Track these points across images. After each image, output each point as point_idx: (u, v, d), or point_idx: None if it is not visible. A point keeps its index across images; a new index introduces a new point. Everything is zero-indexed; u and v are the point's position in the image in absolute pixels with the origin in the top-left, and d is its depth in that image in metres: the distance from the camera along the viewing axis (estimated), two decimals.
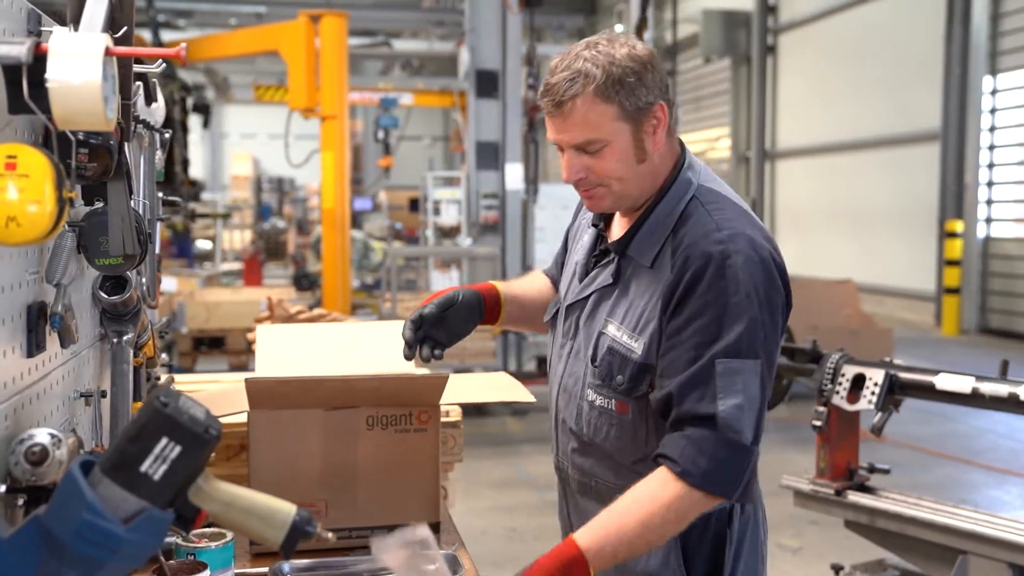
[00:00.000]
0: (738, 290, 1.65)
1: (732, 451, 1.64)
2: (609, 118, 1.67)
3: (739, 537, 1.87)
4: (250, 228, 15.72)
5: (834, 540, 4.86)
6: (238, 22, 13.38)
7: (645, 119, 1.69)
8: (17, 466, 1.21)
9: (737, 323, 1.65)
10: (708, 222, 1.72)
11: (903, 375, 3.29)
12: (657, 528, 1.66)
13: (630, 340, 1.77)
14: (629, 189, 1.76)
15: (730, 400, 1.64)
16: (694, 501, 1.65)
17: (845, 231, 15.05)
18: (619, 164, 1.71)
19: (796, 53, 16.29)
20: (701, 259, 1.68)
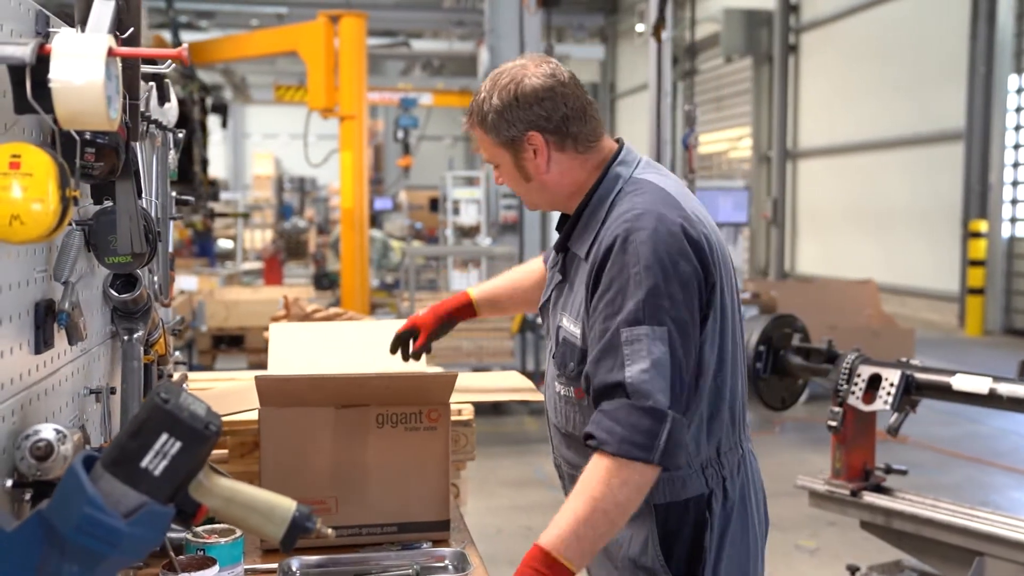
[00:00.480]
0: (638, 262, 1.75)
1: (644, 415, 1.69)
2: (490, 144, 1.93)
3: (722, 525, 1.90)
4: (271, 228, 15.81)
5: (852, 541, 4.83)
6: (259, 23, 13.45)
7: (519, 147, 1.89)
8: (23, 461, 1.22)
9: (637, 292, 1.73)
10: (624, 207, 1.84)
11: (919, 375, 3.26)
12: (609, 504, 1.69)
13: (574, 328, 1.89)
14: (533, 199, 2.01)
15: (636, 366, 1.71)
16: (624, 469, 1.70)
17: (867, 231, 14.94)
18: (511, 181, 1.97)
19: (818, 52, 16.19)
20: (610, 240, 1.80)
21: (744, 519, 1.95)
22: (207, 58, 8.17)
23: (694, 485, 1.90)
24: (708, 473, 1.91)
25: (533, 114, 1.86)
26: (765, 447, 6.95)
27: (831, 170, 15.89)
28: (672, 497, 1.89)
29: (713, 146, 19.08)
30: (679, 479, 1.89)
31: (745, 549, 1.95)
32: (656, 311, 1.73)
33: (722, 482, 1.92)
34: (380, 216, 15.51)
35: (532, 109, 1.86)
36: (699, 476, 1.90)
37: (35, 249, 1.37)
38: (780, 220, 16.77)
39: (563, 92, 1.88)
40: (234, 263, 12.61)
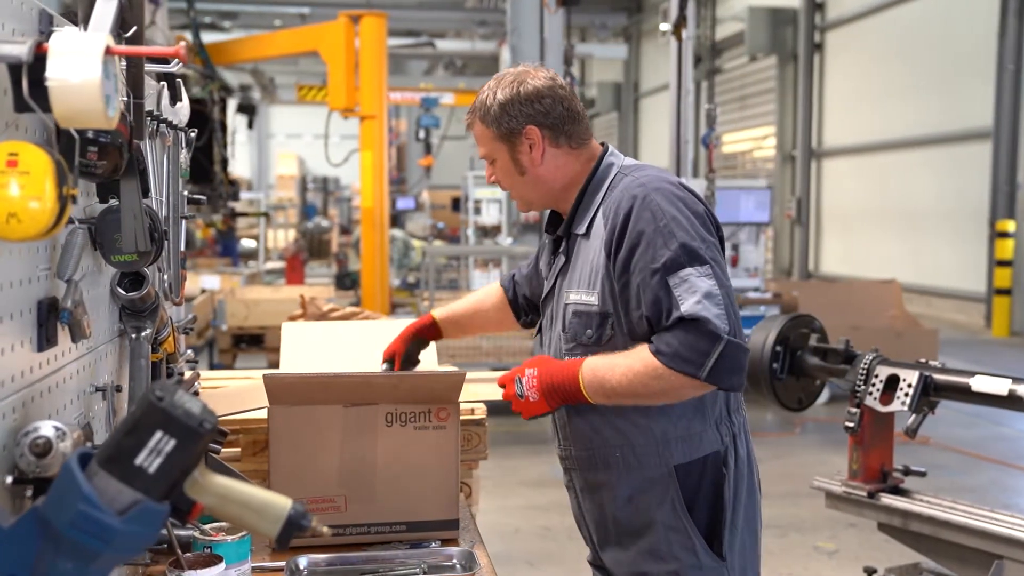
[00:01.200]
0: (663, 215, 1.94)
1: (700, 335, 1.86)
2: (489, 139, 2.09)
3: (736, 481, 2.05)
4: (294, 227, 15.89)
5: (872, 543, 4.78)
6: (282, 23, 13.51)
7: (517, 140, 2.06)
8: (22, 458, 1.23)
9: (671, 241, 1.91)
10: (628, 181, 2.04)
11: (938, 376, 3.22)
12: (643, 377, 1.90)
13: (587, 296, 2.05)
14: (526, 195, 2.15)
15: (690, 300, 1.88)
16: (668, 373, 1.88)
17: (893, 231, 14.81)
18: (505, 176, 2.12)
19: (844, 50, 16.06)
20: (627, 203, 1.98)
21: (751, 477, 2.12)
22: (229, 59, 8.22)
23: (710, 441, 2.04)
24: (722, 430, 2.06)
25: (532, 109, 2.04)
26: (785, 448, 6.91)
27: (856, 169, 15.76)
28: (691, 455, 2.04)
29: (737, 145, 18.98)
30: (696, 436, 2.04)
31: (753, 505, 2.12)
32: (695, 253, 1.90)
33: (733, 439, 2.07)
34: (402, 216, 15.55)
35: (532, 105, 2.04)
36: (714, 432, 2.05)
37: (38, 247, 1.38)
38: (804, 220, 16.66)
39: (560, 95, 2.07)
40: (257, 263, 12.67)
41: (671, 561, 2.05)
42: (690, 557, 2.04)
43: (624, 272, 1.97)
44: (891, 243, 14.81)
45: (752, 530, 2.13)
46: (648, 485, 2.06)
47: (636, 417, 2.04)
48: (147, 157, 1.98)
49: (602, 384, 1.96)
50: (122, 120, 1.41)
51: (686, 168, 6.98)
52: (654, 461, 2.05)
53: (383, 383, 2.14)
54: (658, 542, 2.05)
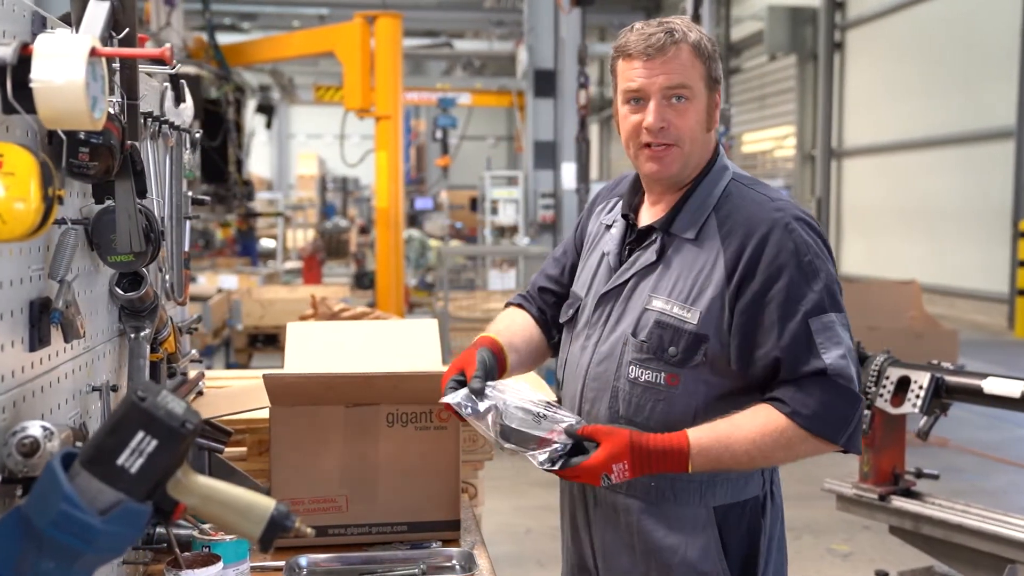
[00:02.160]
0: (808, 251, 1.75)
1: (842, 397, 1.72)
2: (699, 75, 1.82)
3: (771, 527, 1.90)
4: (313, 227, 15.95)
5: (886, 546, 4.74)
6: (301, 24, 13.57)
7: (715, 93, 1.85)
8: (10, 457, 1.24)
9: (815, 281, 1.74)
10: (758, 197, 1.84)
11: (950, 378, 3.19)
12: (765, 449, 1.73)
13: (682, 311, 1.81)
14: (694, 154, 1.85)
15: (834, 352, 1.73)
16: (802, 438, 1.72)
17: (914, 231, 14.69)
18: (696, 123, 1.83)
19: (865, 49, 15.94)
20: (764, 227, 1.77)
21: (782, 520, 1.96)
22: (247, 59, 8.26)
23: (753, 485, 1.88)
24: (765, 474, 1.90)
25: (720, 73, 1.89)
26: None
27: (877, 169, 15.64)
28: (732, 498, 1.87)
29: (756, 145, 18.89)
30: (742, 478, 1.86)
31: (783, 550, 1.97)
32: (836, 298, 1.76)
33: (771, 484, 1.92)
34: (421, 216, 15.57)
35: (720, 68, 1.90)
36: (759, 475, 1.89)
37: (31, 247, 1.39)
38: (824, 220, 16.55)
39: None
40: (275, 262, 12.73)
41: None
42: None
43: (754, 305, 1.76)
44: (912, 243, 14.69)
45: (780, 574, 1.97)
46: (682, 523, 1.86)
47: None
48: (148, 158, 2.00)
49: (717, 463, 1.74)
50: (114, 121, 1.41)
51: None
52: (693, 499, 1.86)
53: (383, 383, 2.14)
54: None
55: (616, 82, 1.91)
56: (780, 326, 1.74)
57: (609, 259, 1.98)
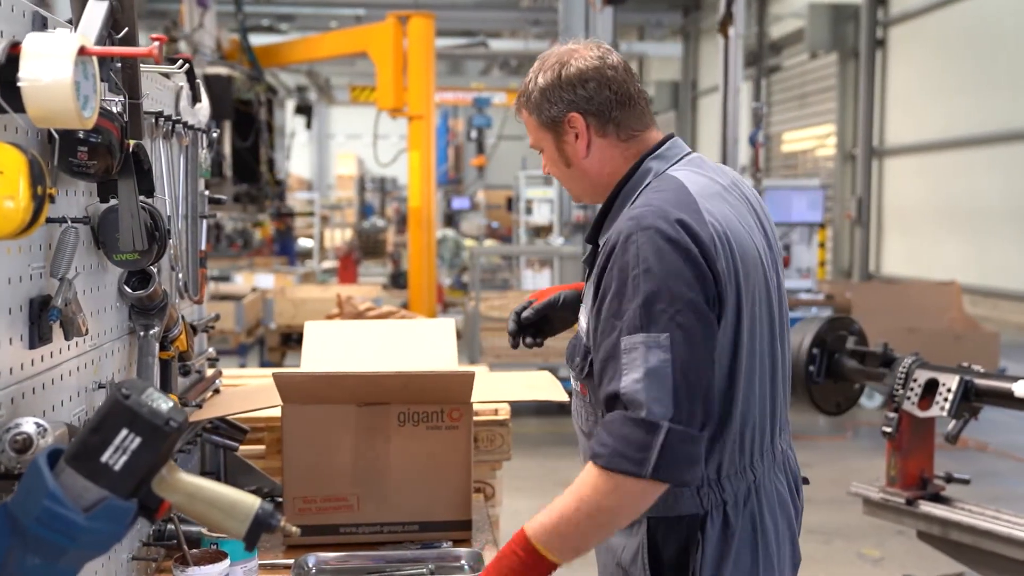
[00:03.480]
0: (637, 264, 1.67)
1: (635, 427, 1.61)
2: (535, 127, 1.89)
3: (718, 551, 1.78)
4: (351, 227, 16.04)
5: (918, 551, 4.65)
6: (338, 24, 13.65)
7: (561, 129, 1.84)
8: (3, 453, 1.25)
9: (636, 297, 1.66)
10: (638, 203, 1.78)
11: (979, 381, 3.12)
12: (594, 509, 1.65)
13: (583, 322, 1.85)
14: (573, 187, 1.95)
15: (631, 375, 1.63)
16: (612, 481, 1.63)
17: (958, 231, 14.43)
18: (553, 167, 1.92)
19: (908, 46, 15.69)
20: (613, 238, 1.72)
21: (754, 552, 1.81)
22: (281, 60, 8.32)
23: (687, 504, 1.79)
24: (703, 493, 1.79)
25: (575, 95, 1.81)
26: (836, 452, 6.77)
27: (919, 168, 15.39)
28: (664, 511, 1.79)
29: (797, 144, 18.68)
30: (672, 494, 1.75)
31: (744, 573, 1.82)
32: (655, 317, 1.64)
33: (722, 507, 1.80)
34: (457, 215, 15.59)
35: (575, 90, 1.81)
36: (693, 496, 1.79)
37: (31, 245, 1.40)
38: (865, 220, 16.33)
39: (610, 76, 1.82)
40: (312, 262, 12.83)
41: None
42: None
43: (596, 316, 1.74)
44: (956, 244, 14.44)
45: None
46: (624, 529, 1.84)
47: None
48: (160, 156, 2.01)
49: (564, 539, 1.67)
50: (113, 120, 1.42)
51: (735, 167, 6.87)
52: None
53: (392, 382, 2.14)
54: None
55: None
56: (602, 343, 1.70)
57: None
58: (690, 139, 20.93)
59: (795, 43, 17.59)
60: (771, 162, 18.96)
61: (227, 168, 5.63)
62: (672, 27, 18.16)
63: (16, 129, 1.34)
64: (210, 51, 6.26)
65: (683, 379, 1.62)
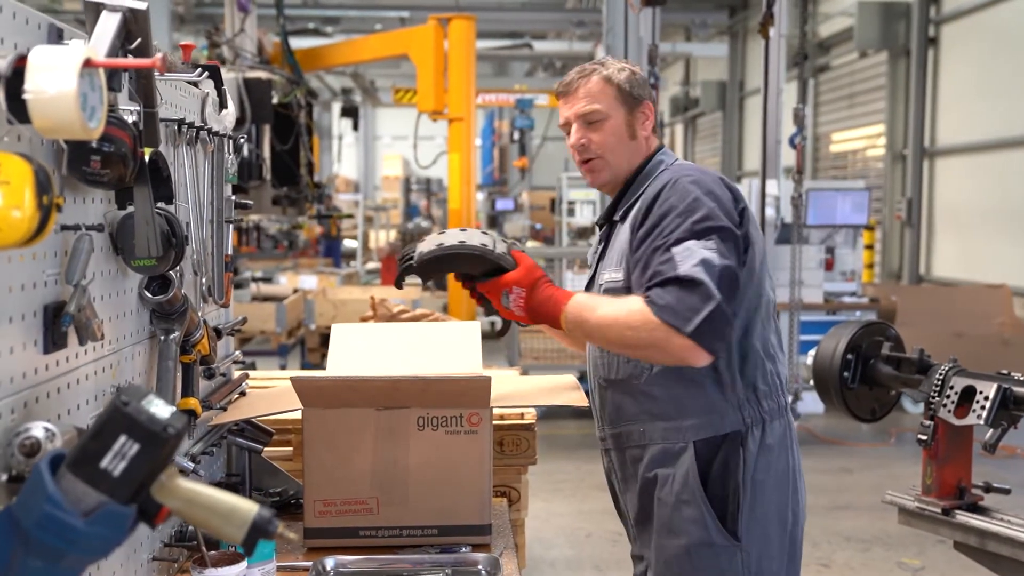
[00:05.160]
0: (685, 197, 2.06)
1: (691, 293, 1.94)
2: (611, 97, 2.21)
3: (754, 461, 2.10)
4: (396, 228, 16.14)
5: (960, 561, 4.53)
6: (383, 27, 13.75)
7: (637, 108, 2.23)
8: (13, 457, 1.28)
9: (685, 221, 2.02)
10: (667, 171, 2.20)
11: (1018, 389, 3.05)
12: (621, 321, 2.01)
13: (616, 274, 2.17)
14: (619, 161, 2.23)
15: (688, 263, 1.98)
16: (651, 323, 1.96)
17: (1013, 233, 14.09)
18: (612, 136, 2.21)
19: (961, 44, 15.38)
20: (658, 186, 2.13)
21: (787, 469, 2.16)
22: (324, 63, 8.39)
23: (731, 419, 2.11)
24: (745, 412, 2.12)
25: (648, 92, 2.27)
26: (878, 458, 6.66)
27: (972, 168, 15.07)
28: (710, 432, 2.11)
29: (846, 144, 18.42)
30: (717, 412, 2.11)
31: (784, 498, 2.16)
32: (703, 231, 2.00)
33: (761, 423, 2.13)
34: (501, 217, 15.60)
35: (647, 88, 2.28)
36: (736, 412, 2.12)
37: (45, 252, 1.43)
38: (915, 221, 16.05)
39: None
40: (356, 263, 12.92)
41: (682, 535, 2.10)
42: (700, 532, 2.08)
43: (640, 244, 2.08)
44: (1010, 246, 14.11)
45: (781, 520, 2.15)
46: (668, 459, 2.14)
47: (656, 392, 2.13)
48: (184, 163, 2.04)
49: (579, 323, 2.06)
50: (125, 128, 1.45)
51: (777, 169, 6.79)
52: (673, 436, 2.13)
53: (410, 387, 2.15)
54: (671, 516, 2.12)
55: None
56: (651, 255, 2.04)
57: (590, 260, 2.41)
58: (736, 139, 20.73)
59: (844, 42, 17.35)
60: (819, 162, 18.71)
61: (266, 171, 5.70)
62: (718, 27, 18.00)
63: (21, 138, 1.37)
64: (251, 55, 6.34)
65: (725, 270, 1.98)
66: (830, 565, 4.66)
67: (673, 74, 22.05)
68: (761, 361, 2.15)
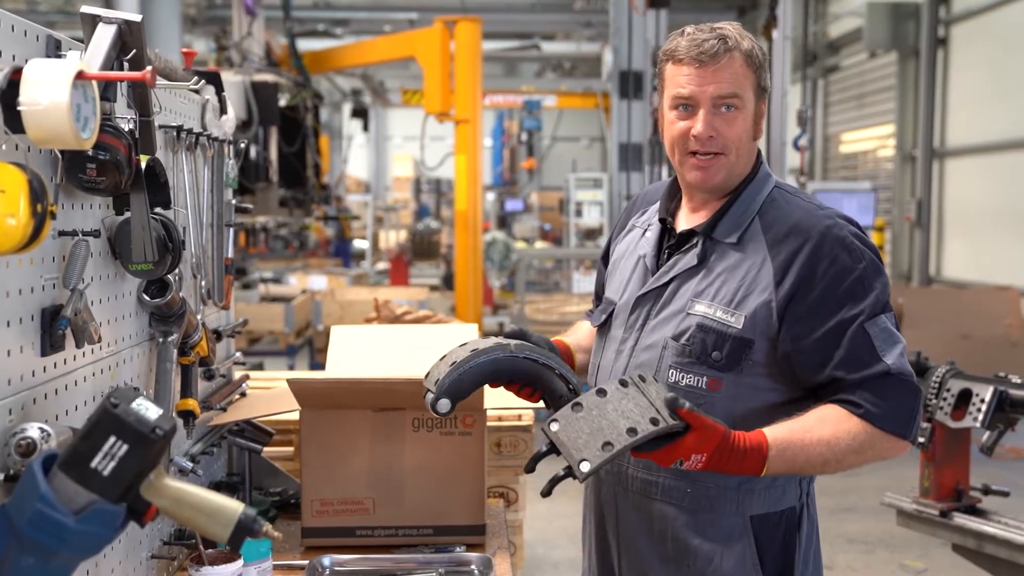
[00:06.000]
0: (862, 258, 1.80)
1: (908, 393, 1.78)
2: (749, 83, 1.85)
3: (807, 540, 1.92)
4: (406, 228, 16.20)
5: (964, 564, 4.55)
6: (392, 28, 13.80)
7: (762, 103, 1.89)
8: (9, 457, 1.31)
9: (872, 287, 1.79)
10: (805, 205, 1.88)
11: (1014, 392, 3.07)
12: (839, 451, 1.75)
13: (725, 315, 1.83)
14: (740, 162, 1.89)
15: (892, 351, 1.78)
16: (875, 438, 1.76)
17: (1022, 235, 14.07)
18: (743, 132, 1.87)
19: (971, 45, 15.34)
20: (816, 234, 1.80)
21: (818, 541, 1.99)
22: (332, 65, 8.46)
23: (790, 495, 1.90)
24: (803, 486, 1.92)
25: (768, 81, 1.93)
26: (886, 462, 6.66)
27: (983, 169, 15.03)
28: (769, 508, 1.88)
29: (856, 145, 18.39)
30: (779, 488, 1.88)
31: (819, 565, 2.00)
32: (884, 300, 1.81)
33: (806, 497, 1.94)
34: (510, 217, 15.64)
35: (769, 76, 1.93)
36: (796, 488, 1.91)
37: (43, 258, 1.47)
38: (925, 222, 16.01)
39: None
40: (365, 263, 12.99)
41: None
42: None
43: (811, 314, 1.78)
44: (1020, 247, 14.08)
45: None
46: (718, 531, 1.86)
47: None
48: (183, 169, 2.08)
49: (792, 464, 1.75)
50: (120, 136, 1.48)
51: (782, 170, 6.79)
52: (730, 507, 1.86)
53: (405, 389, 2.18)
54: None
55: (663, 86, 1.93)
56: (839, 333, 1.77)
57: (646, 261, 1.98)
58: None
59: (854, 42, 17.32)
60: (829, 163, 18.69)
61: (273, 173, 5.75)
62: None
63: (16, 147, 1.40)
64: (258, 58, 6.40)
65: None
66: (832, 567, 4.67)
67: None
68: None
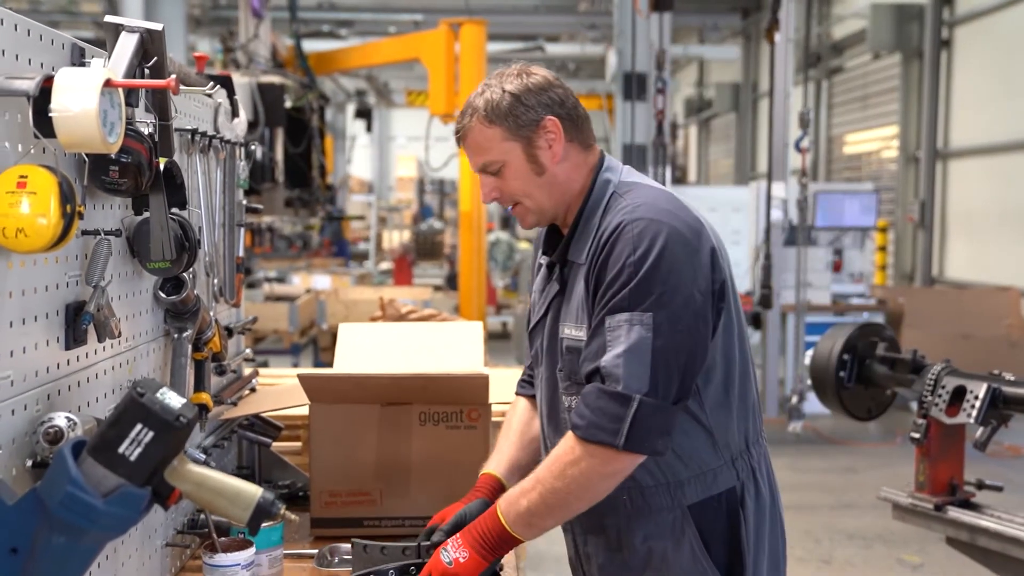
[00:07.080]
0: (632, 252, 1.74)
1: (610, 399, 1.72)
2: (498, 140, 1.84)
3: (757, 520, 1.92)
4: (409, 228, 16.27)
5: (960, 559, 4.60)
6: (397, 30, 13.88)
7: (535, 135, 1.84)
8: (37, 444, 1.38)
9: (627, 281, 1.74)
10: (622, 204, 1.84)
11: (1008, 389, 3.13)
12: (566, 478, 1.75)
13: (577, 332, 1.86)
14: (541, 202, 1.89)
15: (612, 351, 1.73)
16: (585, 452, 1.74)
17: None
18: (519, 181, 1.86)
19: (974, 46, 15.38)
20: (611, 230, 1.79)
21: (775, 515, 1.98)
22: (338, 66, 8.54)
23: (725, 478, 1.89)
24: (739, 465, 1.91)
25: (548, 98, 1.85)
26: (884, 458, 6.72)
27: (985, 170, 15.06)
28: (704, 494, 1.88)
29: (860, 146, 18.44)
30: (710, 473, 1.88)
31: (776, 542, 1.99)
32: (641, 297, 1.72)
33: (752, 474, 1.93)
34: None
35: (546, 94, 1.85)
36: (730, 469, 1.90)
37: (67, 256, 1.54)
38: (928, 223, 16.05)
39: (566, 87, 1.90)
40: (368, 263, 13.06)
41: None
42: None
43: (594, 307, 1.81)
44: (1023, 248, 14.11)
45: (775, 566, 1.99)
46: (662, 528, 1.89)
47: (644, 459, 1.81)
48: (197, 170, 2.15)
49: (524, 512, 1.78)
50: (142, 140, 1.55)
51: (785, 171, 6.86)
52: (666, 503, 1.88)
53: (412, 384, 2.25)
54: None
55: None
56: (593, 329, 1.79)
57: (536, 296, 2.07)
58: (750, 141, 20.78)
59: (857, 43, 17.37)
60: (833, 164, 18.72)
61: (279, 174, 5.82)
62: (732, 29, 18.04)
63: (45, 151, 1.48)
64: (264, 60, 6.47)
65: (662, 356, 1.72)
66: (831, 562, 4.74)
67: (687, 75, 22.07)
68: (752, 406, 1.95)
